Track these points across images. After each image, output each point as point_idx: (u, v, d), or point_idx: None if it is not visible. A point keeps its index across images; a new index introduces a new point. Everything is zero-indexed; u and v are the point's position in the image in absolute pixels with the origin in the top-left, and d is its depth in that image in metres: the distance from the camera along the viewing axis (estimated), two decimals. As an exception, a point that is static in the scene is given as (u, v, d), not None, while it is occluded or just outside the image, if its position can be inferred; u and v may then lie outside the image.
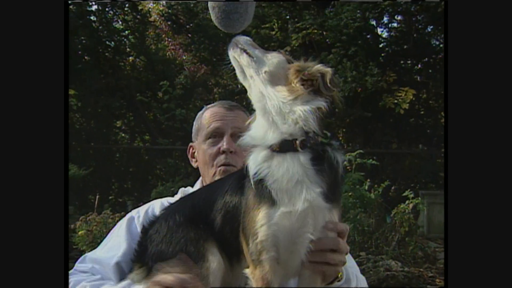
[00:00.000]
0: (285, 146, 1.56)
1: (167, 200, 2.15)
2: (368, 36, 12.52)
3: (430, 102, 13.36)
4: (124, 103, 13.69)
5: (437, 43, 12.62)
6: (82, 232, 5.94)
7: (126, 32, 14.10)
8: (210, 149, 2.16)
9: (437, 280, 5.94)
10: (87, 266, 1.98)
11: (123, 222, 2.12)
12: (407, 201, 6.68)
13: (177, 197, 2.15)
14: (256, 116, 1.68)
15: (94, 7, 12.62)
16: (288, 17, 12.88)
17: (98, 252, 2.06)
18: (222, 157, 2.12)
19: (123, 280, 1.83)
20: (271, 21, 12.65)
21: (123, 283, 1.80)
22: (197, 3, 11.57)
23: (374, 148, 12.66)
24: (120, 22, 14.12)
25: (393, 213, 6.71)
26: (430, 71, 12.89)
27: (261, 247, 1.53)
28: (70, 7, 11.17)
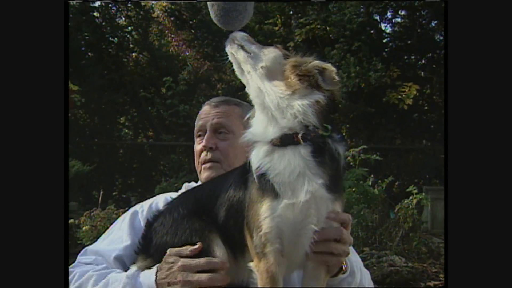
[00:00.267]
0: (286, 140, 1.58)
1: (171, 195, 2.17)
2: (372, 31, 12.46)
3: (434, 98, 13.31)
4: (128, 99, 13.72)
5: (441, 38, 12.53)
6: (87, 228, 5.99)
7: (129, 28, 14.13)
8: (196, 147, 2.23)
9: (441, 276, 5.93)
10: (90, 258, 1.99)
11: (127, 216, 2.13)
12: (411, 197, 6.65)
13: (181, 192, 2.16)
14: (256, 112, 1.69)
15: (98, 3, 12.63)
16: (292, 13, 12.85)
17: (99, 245, 2.06)
18: (204, 154, 2.17)
19: (129, 269, 1.84)
20: (275, 17, 12.63)
21: (131, 270, 1.81)
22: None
23: (378, 144, 12.64)
24: (123, 18, 14.13)
25: (397, 209, 6.70)
26: (434, 67, 12.82)
27: (265, 240, 1.54)
28: (73, 3, 11.18)
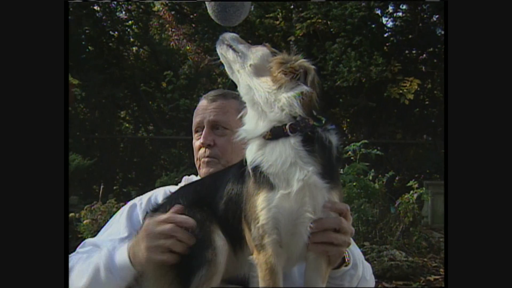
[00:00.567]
0: (276, 133, 1.61)
1: (170, 189, 2.18)
2: (373, 26, 12.42)
3: (435, 92, 13.30)
4: (128, 93, 13.71)
5: (442, 33, 12.50)
6: (87, 221, 6.00)
7: (130, 22, 14.09)
8: (195, 143, 2.23)
9: (441, 270, 5.94)
10: (87, 249, 2.01)
11: (125, 209, 2.15)
12: (412, 191, 6.65)
13: (181, 185, 2.18)
14: (247, 109, 1.73)
15: (98, -2, 12.60)
16: (293, 7, 12.79)
17: (98, 237, 2.09)
18: (202, 151, 2.18)
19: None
20: (275, 11, 12.58)
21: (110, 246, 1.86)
22: (201, -7, 11.53)
23: (379, 139, 12.65)
24: (124, 12, 14.10)
25: (397, 203, 6.70)
26: (435, 61, 12.79)
27: (263, 231, 1.57)
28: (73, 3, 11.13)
